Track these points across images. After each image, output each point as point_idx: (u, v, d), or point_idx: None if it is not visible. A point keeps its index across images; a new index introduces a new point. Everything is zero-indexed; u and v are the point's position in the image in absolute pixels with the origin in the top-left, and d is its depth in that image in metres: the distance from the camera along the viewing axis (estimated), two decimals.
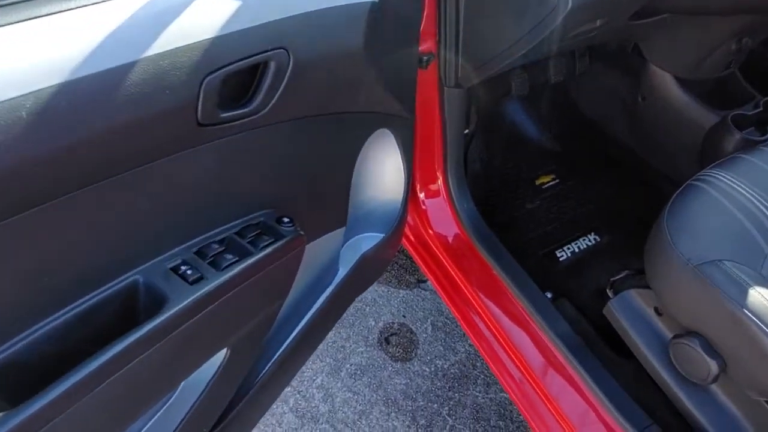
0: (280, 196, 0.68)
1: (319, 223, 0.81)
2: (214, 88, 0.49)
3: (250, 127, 0.56)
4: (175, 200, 0.53)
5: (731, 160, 0.91)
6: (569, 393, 0.96)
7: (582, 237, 1.27)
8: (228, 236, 0.58)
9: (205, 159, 0.53)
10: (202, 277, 0.52)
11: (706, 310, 0.78)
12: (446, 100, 1.04)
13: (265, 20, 0.52)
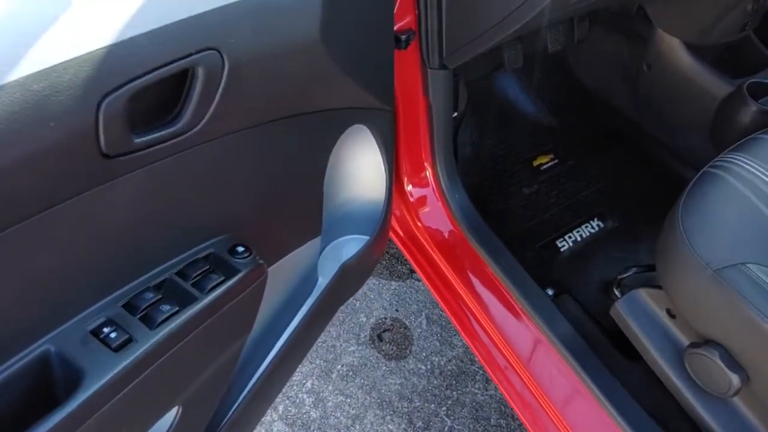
0: (234, 218, 0.58)
1: (287, 238, 0.71)
2: (117, 110, 0.38)
3: (181, 149, 0.45)
4: (89, 246, 0.43)
5: (752, 141, 0.81)
6: (574, 403, 0.89)
7: (584, 224, 1.17)
8: (167, 279, 0.48)
9: (123, 194, 0.43)
10: (130, 339, 0.43)
11: (727, 319, 0.69)
12: (431, 82, 0.93)
13: (184, 15, 0.41)
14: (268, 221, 0.65)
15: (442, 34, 0.86)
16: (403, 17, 0.84)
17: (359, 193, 0.87)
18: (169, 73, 0.41)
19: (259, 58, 0.48)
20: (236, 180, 0.56)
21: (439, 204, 1.10)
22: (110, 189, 0.41)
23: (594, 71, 1.32)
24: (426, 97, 0.96)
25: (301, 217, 0.73)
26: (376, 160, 0.83)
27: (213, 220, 0.54)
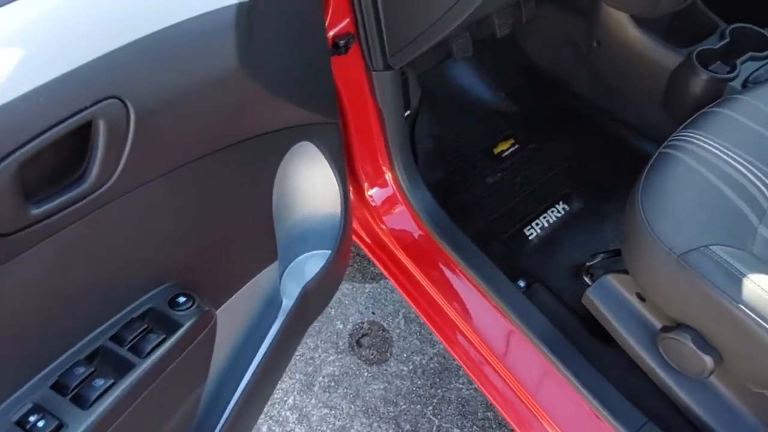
0: (172, 265, 0.54)
1: (239, 271, 0.67)
2: (4, 183, 0.34)
3: (93, 209, 0.41)
4: (2, 330, 0.39)
5: (704, 116, 0.80)
6: (552, 393, 0.88)
7: (550, 208, 1.16)
8: (100, 347, 0.45)
9: (31, 270, 0.38)
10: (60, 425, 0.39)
11: (695, 303, 0.69)
12: (377, 85, 0.90)
13: (74, 65, 0.37)
14: (213, 259, 0.61)
15: (383, 36, 0.82)
16: (339, 21, 0.80)
17: (315, 209, 0.84)
18: (65, 132, 0.37)
19: (170, 99, 0.43)
20: (166, 226, 0.52)
21: (402, 205, 1.07)
22: (13, 268, 0.37)
23: (546, 52, 1.30)
24: (374, 100, 0.92)
25: (251, 246, 0.69)
26: (328, 174, 0.80)
27: (146, 273, 0.50)
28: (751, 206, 0.71)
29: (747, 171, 0.73)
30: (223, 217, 0.61)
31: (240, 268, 0.67)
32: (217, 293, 0.62)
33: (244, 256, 0.68)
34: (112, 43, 0.39)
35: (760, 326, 0.62)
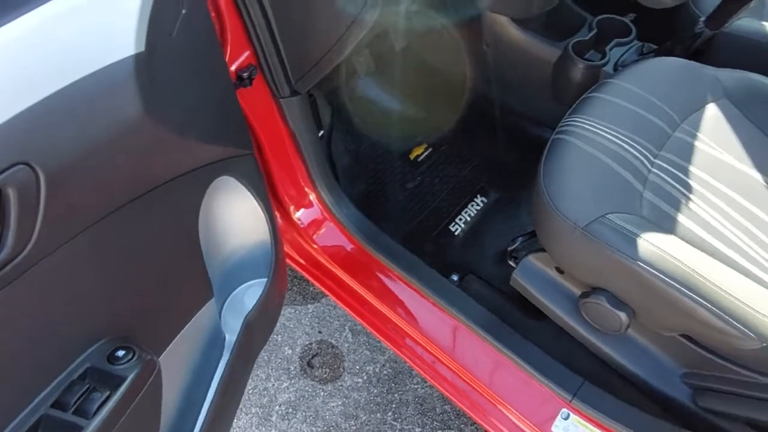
0: (104, 320, 0.53)
1: (175, 314, 0.67)
2: None
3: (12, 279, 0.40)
4: None
5: (585, 101, 0.89)
6: (499, 375, 0.94)
7: (470, 203, 1.23)
8: (42, 416, 0.43)
9: None
10: None
11: (603, 267, 0.77)
12: (287, 110, 0.92)
13: None
14: (148, 306, 0.60)
15: (285, 64, 0.84)
16: (240, 54, 0.82)
17: (244, 240, 0.84)
18: None
19: (79, 156, 0.43)
20: (92, 283, 0.51)
21: (330, 222, 1.10)
22: None
23: (443, 57, 1.38)
24: (287, 126, 0.94)
25: (184, 287, 0.69)
26: (252, 204, 0.81)
27: (79, 332, 0.49)
28: (634, 175, 0.80)
29: (627, 145, 0.83)
30: (151, 263, 0.61)
31: (177, 312, 0.67)
32: (157, 340, 0.62)
33: (179, 299, 0.68)
34: (12, 107, 0.38)
35: (658, 278, 0.70)
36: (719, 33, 1.04)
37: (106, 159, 0.46)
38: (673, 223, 0.76)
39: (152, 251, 0.61)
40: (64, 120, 0.42)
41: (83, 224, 0.47)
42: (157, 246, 0.62)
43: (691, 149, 0.84)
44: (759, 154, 0.84)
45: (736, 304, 0.68)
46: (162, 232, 0.62)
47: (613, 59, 1.10)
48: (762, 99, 0.89)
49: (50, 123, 0.41)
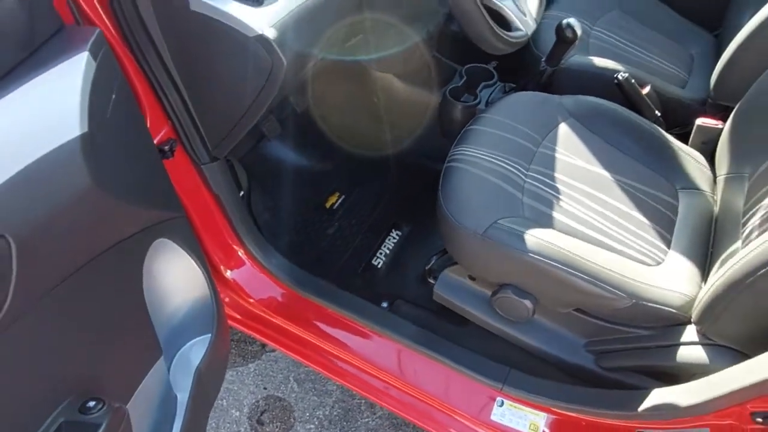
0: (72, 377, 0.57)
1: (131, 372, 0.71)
2: None
3: None
4: None
5: (466, 134, 1.07)
6: (438, 381, 1.03)
7: (386, 237, 1.36)
8: None
9: None
10: None
11: (503, 264, 0.91)
12: (208, 175, 1.00)
13: None
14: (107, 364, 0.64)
15: (202, 134, 0.93)
16: (160, 130, 0.90)
17: (186, 299, 0.89)
18: None
19: (44, 226, 0.49)
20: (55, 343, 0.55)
21: (262, 275, 1.17)
22: None
23: (341, 114, 1.53)
24: (209, 190, 1.02)
25: (136, 346, 0.73)
26: (188, 263, 0.87)
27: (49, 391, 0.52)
28: (513, 186, 0.97)
29: (504, 163, 1.00)
30: (105, 323, 0.66)
31: (132, 369, 0.70)
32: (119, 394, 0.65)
33: (132, 357, 0.72)
34: None
35: (546, 263, 0.86)
36: (558, 69, 1.29)
37: (65, 228, 0.53)
38: (549, 218, 0.94)
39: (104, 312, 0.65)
40: (30, 195, 0.48)
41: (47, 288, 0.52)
42: (108, 307, 0.66)
43: (553, 160, 1.04)
44: (602, 156, 1.05)
45: (605, 271, 0.84)
46: (111, 294, 0.67)
47: (484, 98, 1.31)
48: (597, 115, 1.12)
49: (18, 198, 0.47)
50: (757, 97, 0.94)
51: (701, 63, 1.43)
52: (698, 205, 1.01)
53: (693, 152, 1.10)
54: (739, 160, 0.96)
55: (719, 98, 1.22)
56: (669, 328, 0.86)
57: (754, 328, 0.72)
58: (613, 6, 1.56)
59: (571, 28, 1.19)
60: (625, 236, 0.94)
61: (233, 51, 0.77)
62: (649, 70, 1.35)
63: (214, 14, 0.75)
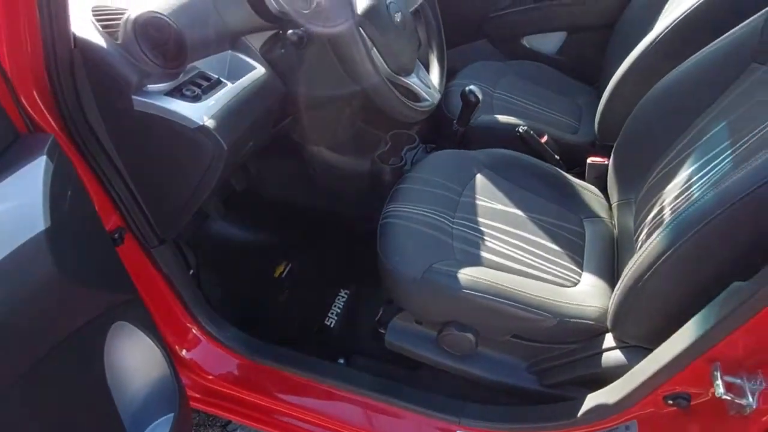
0: None
1: None
2: None
3: None
4: None
5: (396, 192, 1.19)
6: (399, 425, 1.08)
7: (336, 297, 1.43)
8: None
9: None
10: None
11: (442, 304, 1.01)
12: (158, 258, 1.05)
13: None
14: None
15: (150, 220, 1.00)
16: (109, 219, 0.95)
17: (146, 379, 0.91)
18: None
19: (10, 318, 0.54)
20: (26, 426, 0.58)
21: (218, 349, 1.19)
22: None
23: (282, 188, 1.63)
24: (160, 271, 1.07)
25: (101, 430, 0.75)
26: (147, 343, 0.90)
27: None
28: (443, 233, 1.09)
29: (432, 214, 1.12)
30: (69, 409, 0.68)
31: None
32: None
33: None
34: None
35: (479, 297, 0.96)
36: (468, 128, 1.46)
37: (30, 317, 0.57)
38: (478, 257, 1.05)
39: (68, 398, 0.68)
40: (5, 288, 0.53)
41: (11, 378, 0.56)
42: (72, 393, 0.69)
43: (474, 206, 1.17)
44: (516, 199, 1.20)
45: (530, 297, 0.96)
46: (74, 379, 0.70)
47: (409, 160, 1.45)
48: (507, 164, 1.28)
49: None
50: (626, 136, 1.13)
51: (587, 111, 1.67)
52: (600, 230, 1.17)
53: (590, 186, 1.28)
54: (625, 188, 1.14)
55: (603, 139, 1.43)
56: (592, 339, 0.97)
57: (654, 324, 0.84)
58: (509, 71, 1.80)
59: (473, 93, 1.37)
60: (545, 264, 1.07)
61: (178, 142, 0.86)
62: (545, 122, 1.56)
63: (158, 112, 0.84)
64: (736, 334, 0.65)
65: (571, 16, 1.87)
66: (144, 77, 0.83)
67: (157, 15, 0.84)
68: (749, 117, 0.88)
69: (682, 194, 0.92)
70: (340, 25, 0.88)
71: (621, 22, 1.71)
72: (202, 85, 0.90)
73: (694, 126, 1.01)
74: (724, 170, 0.84)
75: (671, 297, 0.79)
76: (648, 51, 1.30)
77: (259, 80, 0.99)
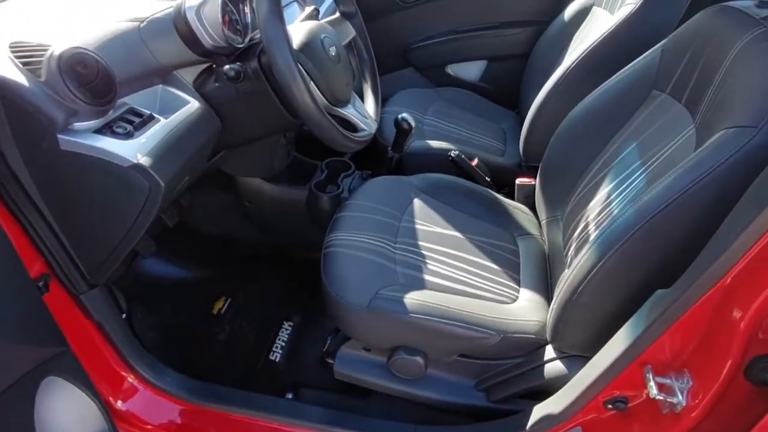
0: None
1: None
2: None
3: None
4: None
5: (336, 221, 1.19)
6: None
7: (279, 330, 1.40)
8: None
9: None
10: None
11: (390, 329, 1.02)
12: (88, 304, 0.98)
13: None
14: None
15: (77, 264, 0.93)
16: (32, 265, 0.88)
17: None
18: None
19: None
20: None
21: (157, 396, 1.12)
22: None
23: (217, 222, 1.58)
24: (90, 318, 1.00)
25: None
26: (81, 397, 0.84)
27: None
28: (386, 259, 1.11)
29: (374, 240, 1.14)
30: None
31: None
32: None
33: None
34: None
35: (424, 319, 0.98)
36: (403, 154, 1.51)
37: None
38: (421, 280, 1.08)
39: None
40: None
41: None
42: None
43: (414, 231, 1.20)
44: (452, 221, 1.25)
45: (473, 315, 1.00)
46: None
47: (346, 187, 1.47)
48: (442, 187, 1.33)
49: None
50: (549, 158, 1.22)
51: (511, 135, 1.77)
52: (533, 247, 1.24)
53: (520, 206, 1.36)
54: (552, 207, 1.22)
55: (528, 161, 1.53)
56: (534, 352, 1.02)
57: (590, 333, 0.90)
58: (437, 98, 1.88)
59: (406, 120, 1.42)
60: (485, 283, 1.11)
61: (110, 181, 0.82)
62: (474, 146, 1.64)
63: (87, 150, 0.80)
64: (663, 337, 0.71)
65: (489, 46, 2.00)
66: (70, 115, 0.79)
67: (82, 51, 0.80)
68: (655, 139, 0.98)
69: (604, 210, 1.01)
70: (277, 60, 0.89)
71: (534, 53, 1.85)
72: (134, 121, 0.87)
73: (609, 147, 1.10)
74: (639, 187, 0.93)
75: (603, 307, 0.86)
76: (562, 80, 1.41)
77: (193, 115, 0.97)
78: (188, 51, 0.97)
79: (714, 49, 0.88)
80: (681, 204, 0.74)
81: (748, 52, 0.79)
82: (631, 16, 1.35)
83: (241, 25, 1.04)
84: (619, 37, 1.35)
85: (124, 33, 0.92)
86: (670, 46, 1.03)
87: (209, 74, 1.03)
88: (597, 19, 1.58)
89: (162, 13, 0.99)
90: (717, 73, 0.86)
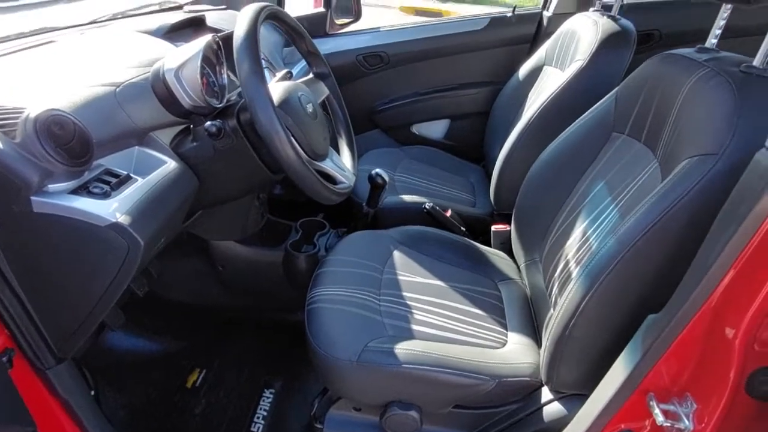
0: None
1: None
2: None
3: None
4: None
5: (318, 277, 1.17)
6: None
7: (260, 399, 1.32)
8: None
9: None
10: None
11: (383, 383, 0.98)
12: (55, 380, 0.91)
13: None
14: None
15: (45, 336, 0.87)
16: None
17: None
18: None
19: None
20: None
21: None
22: None
23: (189, 289, 1.52)
24: (56, 396, 0.92)
25: None
26: None
27: None
28: (372, 311, 1.09)
29: (358, 293, 1.12)
30: None
31: None
32: None
33: None
34: None
35: (416, 369, 0.95)
36: (377, 209, 1.52)
37: None
38: (409, 330, 1.06)
39: None
40: None
41: None
42: None
43: (397, 282, 1.19)
44: (433, 270, 1.24)
45: (465, 362, 0.97)
46: None
47: (322, 246, 1.45)
48: (420, 239, 1.34)
49: None
50: (522, 204, 1.26)
51: (479, 187, 1.83)
52: (515, 291, 1.25)
53: (497, 252, 1.38)
54: (529, 250, 1.24)
55: (500, 209, 1.57)
56: (530, 395, 1.00)
57: (586, 368, 0.89)
58: (404, 156, 1.94)
59: (380, 176, 1.45)
60: (473, 329, 1.10)
61: (86, 242, 0.79)
62: (446, 198, 1.68)
63: (62, 212, 0.77)
64: (662, 362, 0.71)
65: (450, 105, 2.10)
66: (45, 176, 0.76)
67: (59, 112, 0.79)
68: (622, 176, 1.03)
69: (582, 247, 1.03)
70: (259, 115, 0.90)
71: (494, 110, 1.95)
72: (111, 181, 0.85)
73: (578, 188, 1.15)
74: (614, 220, 0.96)
75: (597, 338, 0.86)
76: (525, 131, 1.49)
77: (170, 174, 0.96)
78: (165, 113, 0.98)
79: (665, 91, 0.96)
80: (661, 227, 0.77)
81: (698, 89, 0.86)
82: (581, 71, 1.46)
83: (218, 87, 1.06)
84: (572, 89, 1.45)
85: (100, 97, 0.92)
86: (623, 92, 1.11)
87: (186, 134, 1.04)
88: (549, 76, 1.70)
89: (137, 78, 1.00)
90: (671, 112, 0.93)
